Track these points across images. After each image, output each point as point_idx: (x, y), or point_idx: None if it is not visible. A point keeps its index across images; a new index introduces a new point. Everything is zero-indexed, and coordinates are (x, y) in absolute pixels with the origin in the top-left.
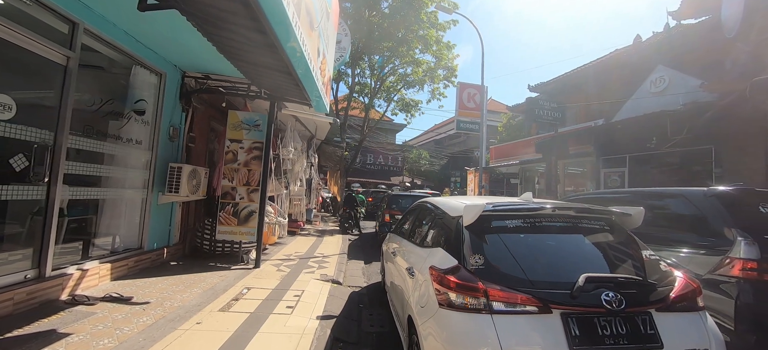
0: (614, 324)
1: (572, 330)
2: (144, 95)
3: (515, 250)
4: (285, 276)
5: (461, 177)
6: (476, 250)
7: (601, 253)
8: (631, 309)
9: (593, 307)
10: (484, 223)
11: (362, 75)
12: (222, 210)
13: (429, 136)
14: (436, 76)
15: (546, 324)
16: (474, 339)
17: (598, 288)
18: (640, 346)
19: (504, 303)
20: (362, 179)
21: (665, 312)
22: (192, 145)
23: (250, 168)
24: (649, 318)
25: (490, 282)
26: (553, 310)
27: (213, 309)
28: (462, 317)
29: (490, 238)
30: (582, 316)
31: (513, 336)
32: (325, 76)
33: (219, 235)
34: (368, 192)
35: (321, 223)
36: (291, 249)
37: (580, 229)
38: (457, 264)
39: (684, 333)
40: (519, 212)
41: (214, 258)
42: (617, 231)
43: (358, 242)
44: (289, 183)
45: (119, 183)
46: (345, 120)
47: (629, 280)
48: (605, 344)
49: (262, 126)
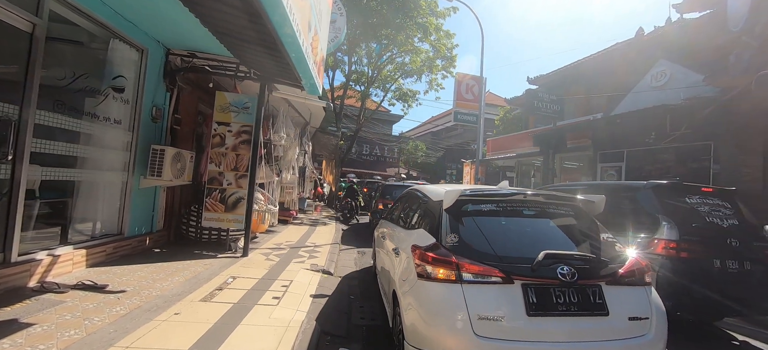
0: (567, 294)
1: (530, 298)
2: (123, 72)
3: (486, 230)
4: (273, 266)
5: (457, 170)
6: (452, 230)
7: (563, 234)
8: (582, 282)
9: (550, 279)
10: (460, 206)
11: (359, 63)
12: (208, 196)
13: (426, 127)
14: (434, 66)
15: (508, 292)
16: (445, 304)
17: (555, 263)
18: (589, 313)
19: (473, 275)
20: (358, 170)
21: (614, 286)
22: (177, 128)
23: (238, 152)
24: (598, 290)
25: (462, 256)
26: (515, 281)
27: (194, 299)
28: (436, 286)
29: (465, 220)
30: (539, 286)
31: (479, 302)
32: (317, 54)
33: (205, 222)
34: (363, 183)
35: (315, 212)
36: (282, 238)
37: (547, 214)
38: (435, 242)
39: (628, 304)
40: (492, 197)
41: (200, 246)
42: (582, 217)
43: (352, 231)
44: (281, 170)
45: (96, 165)
46: (341, 108)
47: (583, 257)
48: (558, 310)
49: (251, 108)
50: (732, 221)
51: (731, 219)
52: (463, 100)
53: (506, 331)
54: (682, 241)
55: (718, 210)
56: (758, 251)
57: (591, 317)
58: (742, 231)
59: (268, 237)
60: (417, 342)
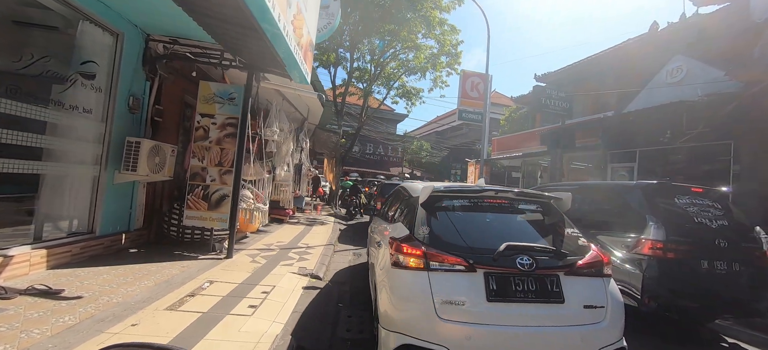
0: (526, 282)
1: (491, 285)
2: (94, 57)
3: (456, 223)
4: (258, 269)
5: (462, 170)
6: (425, 223)
7: (529, 228)
8: (541, 272)
9: (510, 268)
10: (434, 202)
11: (362, 59)
12: (191, 192)
13: (431, 127)
14: (438, 63)
15: (471, 280)
16: (413, 290)
17: (515, 254)
18: (546, 300)
19: (439, 263)
20: (361, 169)
21: (572, 276)
22: (159, 120)
23: (223, 146)
24: (556, 280)
25: (431, 247)
26: (478, 270)
27: (159, 308)
28: (406, 273)
29: (438, 214)
30: (500, 275)
31: (443, 288)
32: (301, 36)
33: (186, 221)
34: (364, 182)
35: (316, 212)
36: (274, 239)
37: (516, 209)
38: (409, 234)
39: (585, 293)
40: (464, 193)
41: (181, 247)
42: (551, 212)
43: (350, 231)
44: (275, 167)
45: (63, 157)
46: (342, 106)
47: (543, 249)
48: (517, 297)
49: (237, 99)
50: (721, 222)
51: (721, 220)
52: (468, 97)
53: (467, 315)
54: (669, 242)
55: (707, 211)
56: (748, 252)
57: (547, 304)
58: (731, 231)
59: (259, 238)
60: (388, 324)
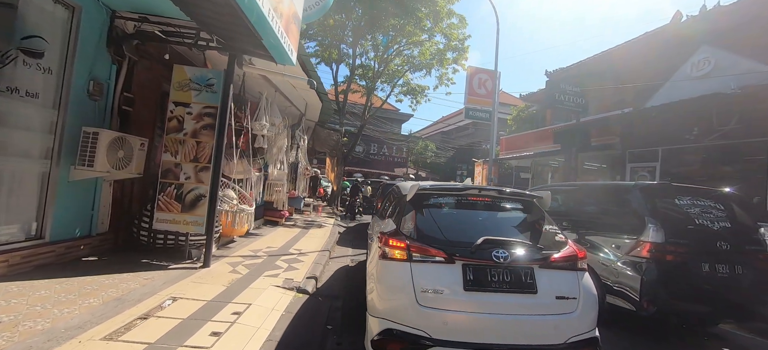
0: (502, 273)
1: (468, 276)
2: (42, 31)
3: (440, 219)
4: (236, 282)
5: (468, 170)
6: (410, 218)
7: (509, 224)
8: (516, 264)
9: (486, 260)
10: (420, 199)
11: (365, 55)
12: (162, 192)
13: (436, 127)
14: (444, 59)
15: (449, 270)
16: (396, 280)
17: (492, 248)
18: (520, 291)
19: (420, 255)
20: (365, 169)
21: (546, 269)
22: (129, 109)
23: (199, 139)
24: (531, 272)
25: (414, 240)
26: (456, 261)
27: (94, 336)
28: (391, 264)
29: (424, 210)
30: (477, 266)
31: (423, 278)
32: (280, 4)
33: (157, 224)
34: (367, 182)
35: (317, 213)
36: (263, 243)
37: (498, 207)
38: (395, 229)
39: (557, 285)
40: (449, 191)
41: (152, 254)
42: (532, 210)
43: (351, 233)
44: (267, 164)
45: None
46: (344, 103)
47: (519, 243)
48: (492, 287)
49: (216, 86)
50: (724, 223)
51: (723, 222)
52: (475, 95)
53: (446, 302)
54: (668, 244)
55: (709, 212)
56: (751, 255)
57: (521, 294)
58: (734, 233)
59: (247, 242)
60: (374, 311)
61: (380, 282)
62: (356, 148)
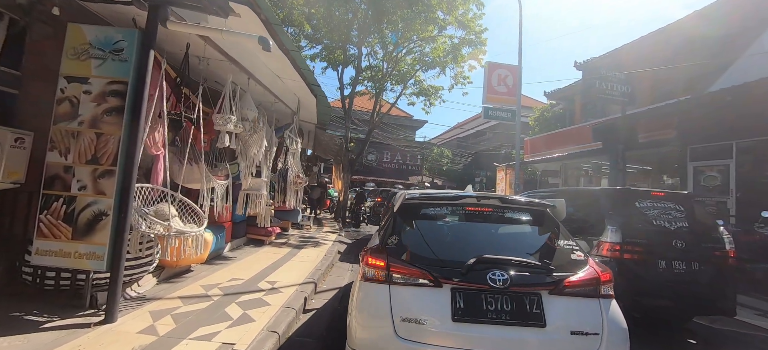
0: (500, 301)
1: (458, 303)
2: None
3: (430, 233)
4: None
5: (487, 177)
6: (395, 232)
7: (514, 240)
8: (517, 289)
9: (480, 284)
10: (408, 210)
11: (373, 55)
12: (46, 209)
13: (452, 133)
14: (459, 55)
15: (435, 295)
16: (372, 304)
17: (488, 269)
18: (522, 322)
19: (401, 276)
20: (378, 178)
21: (558, 296)
22: (12, 91)
23: (100, 130)
24: (538, 299)
25: (396, 258)
26: (444, 285)
27: None
28: (369, 286)
29: (414, 222)
30: (469, 292)
31: (404, 304)
32: None
33: (36, 257)
34: (377, 192)
35: (314, 228)
36: (228, 274)
37: (502, 218)
38: (378, 244)
39: (573, 317)
40: (442, 201)
41: (36, 301)
42: (543, 222)
43: (357, 248)
44: (241, 171)
45: None
46: (350, 104)
47: (522, 263)
48: (487, 317)
49: (127, 51)
50: (681, 223)
51: (681, 222)
52: (494, 93)
53: (429, 335)
54: (626, 243)
55: (668, 213)
56: (707, 252)
57: (525, 327)
58: (690, 233)
59: (206, 272)
60: (351, 341)
61: (357, 306)
62: (368, 157)
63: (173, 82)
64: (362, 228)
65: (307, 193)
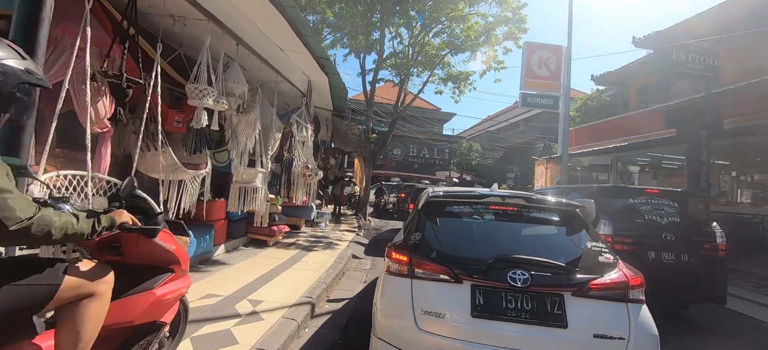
0: (520, 300)
1: (477, 299)
2: None
3: (452, 230)
4: None
5: (521, 172)
6: (419, 229)
7: (539, 240)
8: (539, 289)
9: (500, 282)
10: (432, 207)
11: (397, 39)
12: None
13: (482, 127)
14: (493, 36)
15: (455, 292)
16: (395, 297)
17: (508, 268)
18: (543, 322)
19: (423, 271)
20: (404, 173)
21: (581, 297)
22: None
23: None
24: (560, 300)
25: (418, 254)
26: (464, 281)
27: None
28: (392, 280)
29: (437, 219)
30: (489, 289)
31: (425, 298)
32: None
33: None
34: (401, 187)
35: (331, 225)
36: (205, 287)
37: (528, 218)
38: (402, 240)
39: (597, 320)
40: (466, 199)
41: None
42: (570, 222)
43: (371, 253)
44: (231, 160)
45: None
46: (372, 93)
47: (544, 263)
48: (506, 315)
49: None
50: (672, 218)
51: (672, 217)
52: (534, 77)
53: (448, 329)
54: (617, 235)
55: (660, 209)
56: (697, 245)
57: (545, 327)
58: (680, 227)
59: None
60: (375, 330)
61: (382, 298)
62: (393, 151)
63: (115, 30)
64: (372, 222)
65: (324, 188)
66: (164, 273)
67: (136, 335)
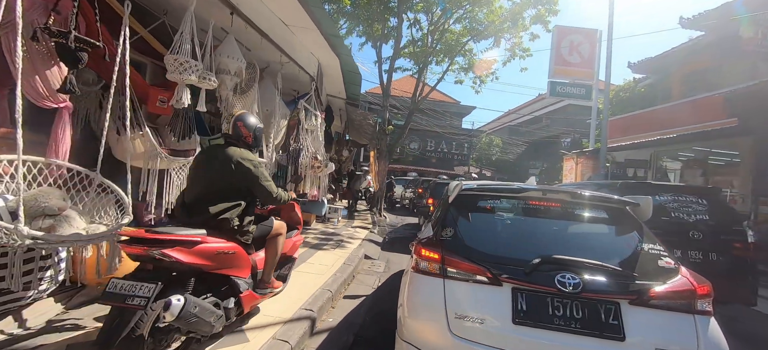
0: (570, 306)
1: (520, 304)
2: None
3: (488, 227)
4: None
5: (546, 168)
6: (450, 224)
7: (587, 240)
8: (592, 296)
9: (546, 286)
10: (465, 202)
11: (416, 26)
12: None
13: (502, 121)
14: (520, 20)
15: (494, 295)
16: (426, 297)
17: (556, 270)
18: (596, 333)
19: (457, 271)
20: (421, 168)
21: (640, 306)
22: None
23: None
24: (615, 308)
25: (451, 251)
26: (504, 284)
27: None
28: (422, 279)
29: (469, 215)
30: (532, 293)
31: (459, 300)
32: None
33: None
34: (418, 182)
35: (343, 221)
36: None
37: (571, 215)
38: (431, 236)
39: (658, 332)
40: (503, 193)
41: None
42: (623, 221)
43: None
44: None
45: None
46: (388, 82)
47: (598, 266)
48: (553, 324)
49: None
50: (701, 216)
51: (701, 215)
52: (565, 64)
53: (486, 336)
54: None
55: (688, 207)
56: (726, 243)
57: (599, 339)
58: (709, 225)
59: None
60: (402, 333)
61: (409, 298)
62: (411, 145)
63: None
64: (387, 218)
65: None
66: (294, 229)
67: (285, 261)
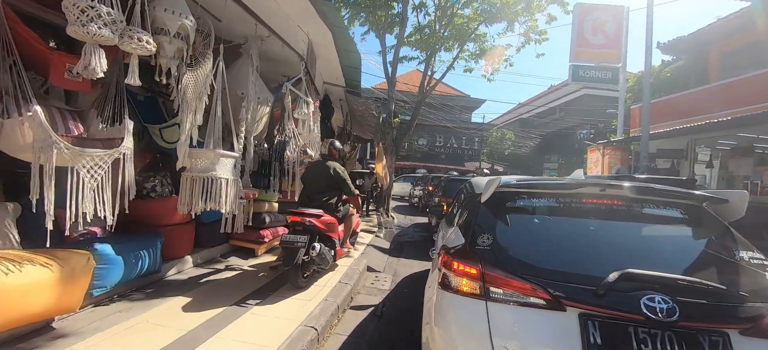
0: (662, 339)
1: (592, 336)
2: None
3: (536, 233)
4: None
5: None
6: (486, 229)
7: (665, 248)
8: (692, 324)
9: (628, 313)
10: (503, 200)
11: (422, 10)
12: None
13: (514, 114)
14: (535, 1)
15: (556, 322)
16: (463, 324)
17: (640, 290)
18: None
19: (503, 291)
20: (430, 164)
21: (756, 338)
22: None
23: None
24: (723, 340)
25: (493, 265)
26: (569, 308)
27: None
28: (456, 300)
29: (508, 217)
30: (610, 321)
31: (508, 329)
32: None
33: None
34: (427, 179)
35: None
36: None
37: (640, 216)
38: (464, 244)
39: None
40: (549, 190)
41: None
42: (706, 223)
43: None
44: (180, 138)
45: None
46: (393, 72)
47: (697, 286)
48: None
49: None
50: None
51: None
52: (588, 46)
53: None
54: None
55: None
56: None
57: None
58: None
59: (76, 334)
60: None
61: (439, 324)
62: (419, 141)
63: None
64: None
65: None
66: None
67: (353, 234)
